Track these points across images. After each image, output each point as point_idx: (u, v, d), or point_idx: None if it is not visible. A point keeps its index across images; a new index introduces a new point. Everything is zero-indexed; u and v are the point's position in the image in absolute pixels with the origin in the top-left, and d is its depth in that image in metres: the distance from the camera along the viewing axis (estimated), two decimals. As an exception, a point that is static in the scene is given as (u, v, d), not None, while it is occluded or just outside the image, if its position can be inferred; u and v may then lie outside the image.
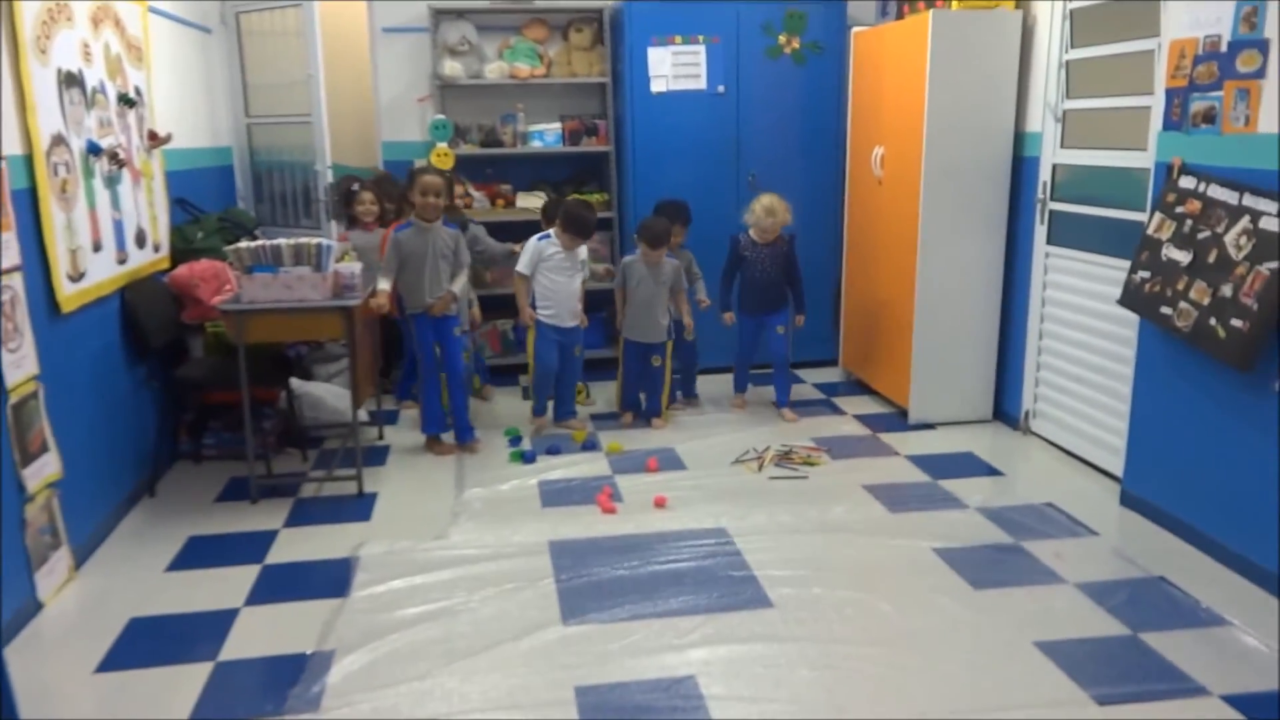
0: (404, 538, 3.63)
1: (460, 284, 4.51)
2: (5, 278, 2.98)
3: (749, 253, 4.92)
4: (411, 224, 4.38)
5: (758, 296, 4.97)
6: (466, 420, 4.61)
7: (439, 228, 4.39)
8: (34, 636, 2.98)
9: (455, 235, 4.49)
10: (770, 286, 4.95)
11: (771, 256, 4.90)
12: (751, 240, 4.90)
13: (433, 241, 4.38)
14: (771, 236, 4.87)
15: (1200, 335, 3.30)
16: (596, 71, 5.92)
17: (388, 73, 5.97)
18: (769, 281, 4.93)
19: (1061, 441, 4.47)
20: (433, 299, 4.41)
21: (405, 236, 4.36)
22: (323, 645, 2.88)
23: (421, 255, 4.36)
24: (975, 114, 4.58)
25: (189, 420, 4.52)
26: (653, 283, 4.79)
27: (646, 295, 4.80)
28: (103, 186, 3.81)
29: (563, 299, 4.73)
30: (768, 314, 4.99)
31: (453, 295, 4.46)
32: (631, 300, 4.85)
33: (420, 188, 4.32)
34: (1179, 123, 3.49)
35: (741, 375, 5.23)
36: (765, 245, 4.88)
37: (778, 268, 4.93)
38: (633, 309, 4.85)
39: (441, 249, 4.41)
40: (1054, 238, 4.47)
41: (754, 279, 4.95)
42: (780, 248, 4.91)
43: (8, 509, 2.95)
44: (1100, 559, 3.40)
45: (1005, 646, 2.83)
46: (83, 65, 3.68)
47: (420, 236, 4.36)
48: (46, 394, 3.21)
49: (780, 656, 2.78)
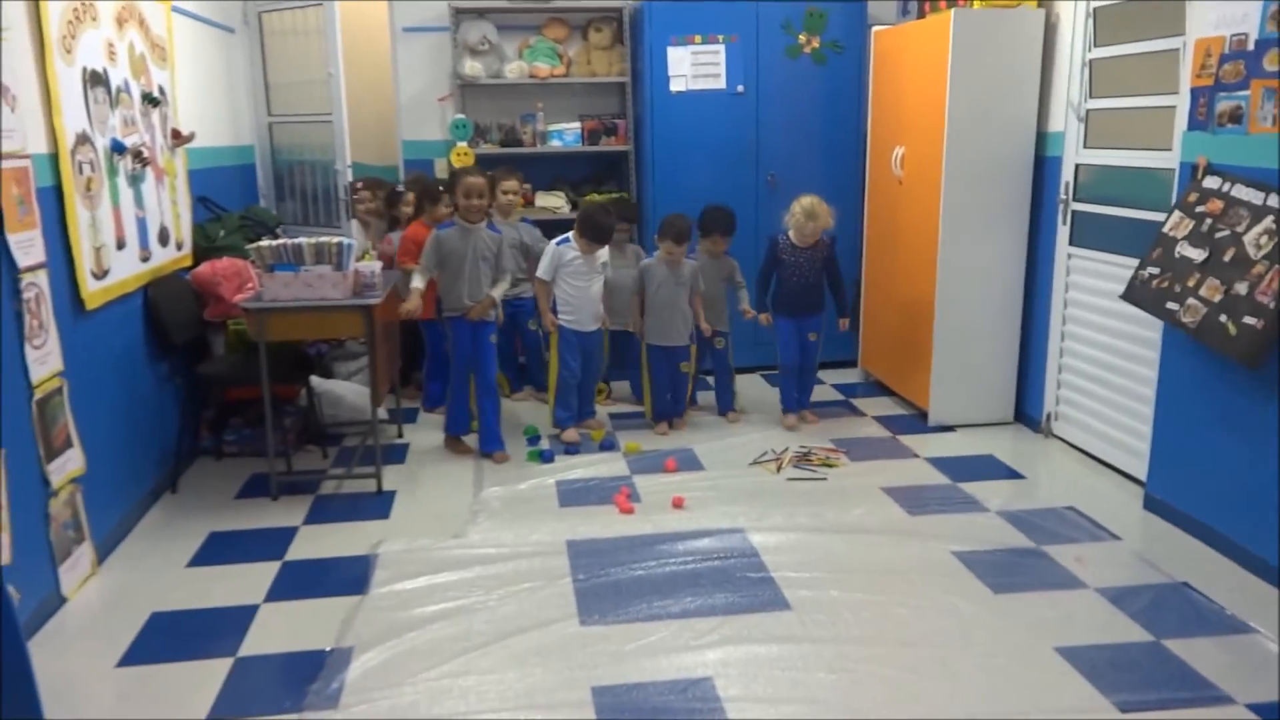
0: (422, 536, 3.64)
1: (501, 290, 4.42)
2: (31, 275, 3.02)
3: (788, 256, 4.76)
4: (454, 223, 4.33)
5: (796, 300, 4.80)
6: (496, 429, 4.51)
7: (481, 229, 4.32)
8: (57, 630, 3.01)
9: (498, 239, 4.41)
10: (808, 290, 4.79)
11: (810, 261, 4.74)
12: (791, 244, 4.75)
13: (474, 243, 4.30)
14: (812, 240, 4.70)
15: (1208, 331, 3.28)
16: (616, 71, 5.92)
17: (408, 72, 6.00)
18: (807, 285, 4.78)
19: (1083, 444, 4.43)
20: (472, 302, 4.34)
21: (446, 235, 4.30)
22: (341, 642, 2.90)
23: (462, 256, 4.28)
24: (997, 113, 4.55)
25: (210, 417, 4.55)
26: (673, 284, 4.70)
27: (668, 298, 4.71)
28: (126, 185, 3.85)
29: (584, 303, 4.71)
30: (807, 317, 4.84)
31: (492, 301, 4.38)
32: (652, 304, 4.75)
33: (463, 189, 4.25)
34: (1204, 122, 3.46)
35: (790, 389, 4.95)
36: (805, 249, 4.73)
37: (816, 271, 4.77)
38: (654, 313, 4.75)
39: (483, 251, 4.32)
40: (1077, 238, 4.44)
41: (792, 283, 4.78)
42: (820, 251, 4.75)
43: (32, 503, 2.98)
44: (1122, 564, 3.37)
45: (1025, 651, 2.81)
46: (107, 64, 3.71)
47: (462, 237, 4.29)
48: (71, 390, 3.24)
49: (797, 658, 2.77)
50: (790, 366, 4.90)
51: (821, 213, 4.65)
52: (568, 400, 4.76)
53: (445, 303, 4.38)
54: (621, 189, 6.01)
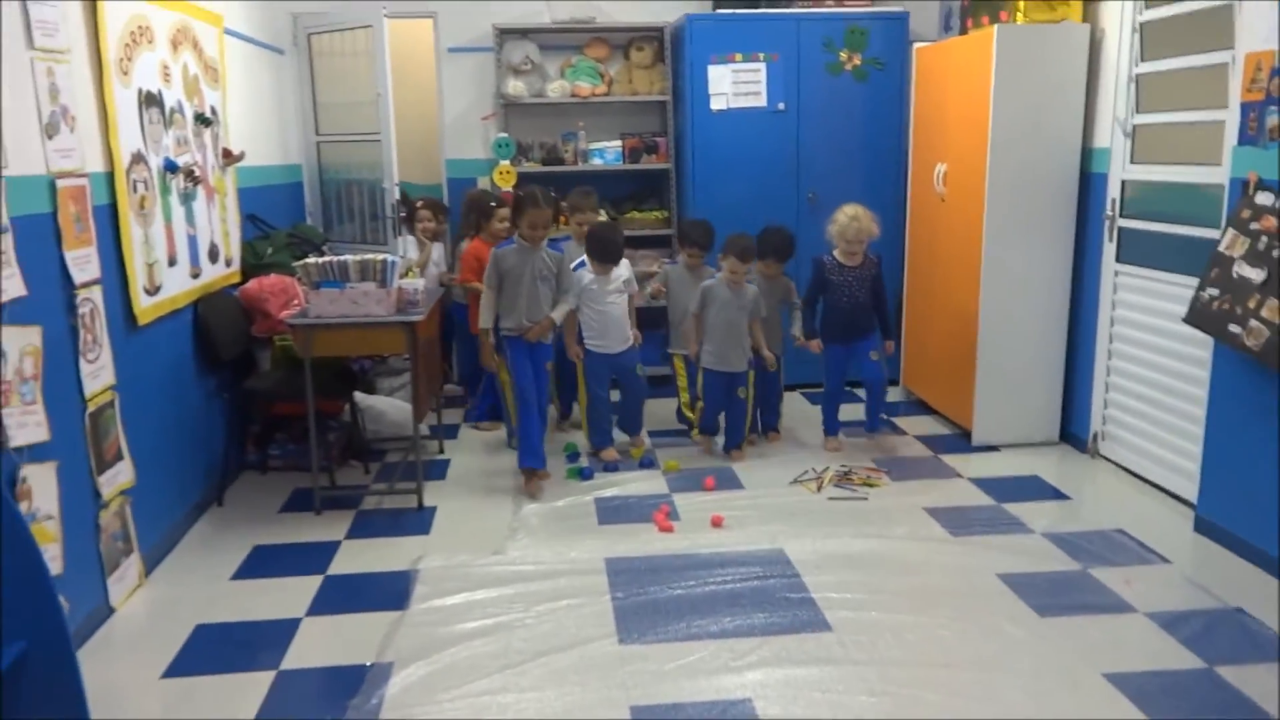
0: (462, 552, 3.66)
1: (562, 312, 4.31)
2: (86, 291, 3.09)
3: (835, 276, 4.59)
4: (514, 241, 4.25)
5: (845, 323, 4.62)
6: (539, 446, 4.35)
7: (542, 248, 4.24)
8: (105, 640, 3.06)
9: (558, 258, 4.30)
10: (858, 312, 4.60)
11: (859, 280, 4.58)
12: (837, 263, 4.59)
13: (533, 262, 4.21)
14: (859, 258, 4.56)
15: (1272, 354, 3.20)
16: (657, 89, 5.96)
17: (452, 92, 6.08)
18: (856, 306, 4.60)
19: (1132, 465, 4.35)
20: (530, 322, 4.23)
21: (506, 254, 4.22)
22: (382, 657, 2.91)
23: (519, 275, 4.19)
24: (1041, 129, 4.51)
25: (256, 431, 4.62)
26: (735, 308, 4.49)
27: (728, 321, 4.49)
28: (178, 203, 3.93)
29: (608, 325, 4.65)
30: (857, 340, 4.65)
31: (551, 322, 4.28)
32: (711, 327, 4.53)
33: (528, 222, 4.15)
34: (1255, 137, 3.40)
35: (832, 414, 4.79)
36: (852, 268, 4.56)
37: (865, 291, 4.60)
38: (714, 336, 4.53)
39: (542, 270, 4.23)
40: (1124, 255, 4.37)
41: (840, 305, 4.61)
42: (868, 270, 4.59)
43: (83, 515, 3.05)
44: (1173, 588, 3.30)
45: (1072, 676, 2.75)
46: (162, 86, 3.80)
47: (521, 255, 4.20)
48: (122, 403, 3.31)
49: (838, 680, 2.74)
50: (835, 391, 4.77)
51: (864, 216, 4.51)
52: (601, 426, 4.72)
53: (503, 322, 4.27)
54: (662, 206, 6.03)
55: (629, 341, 4.72)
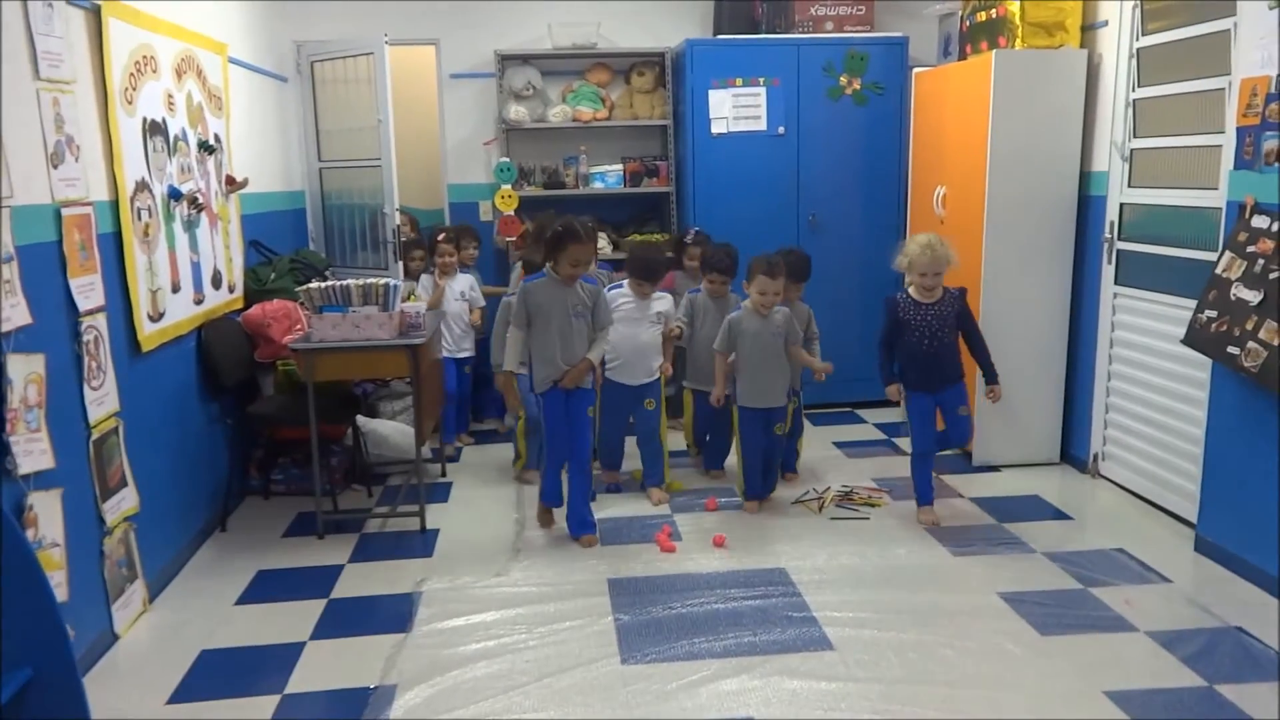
0: (465, 574, 3.67)
1: (599, 351, 3.91)
2: (90, 318, 3.12)
3: (910, 315, 3.97)
4: (544, 274, 3.84)
5: (926, 369, 3.99)
6: (585, 511, 3.99)
7: (577, 282, 3.82)
8: (110, 667, 3.07)
9: (594, 290, 3.88)
10: (940, 356, 3.97)
11: (939, 319, 3.95)
12: (911, 300, 3.98)
13: (567, 297, 3.80)
14: (936, 293, 3.95)
15: (1269, 375, 3.22)
16: (658, 114, 6.01)
17: (454, 117, 6.13)
18: (940, 349, 3.96)
19: (1132, 485, 4.36)
20: (566, 365, 3.82)
21: (535, 288, 3.81)
22: (385, 680, 2.92)
23: (549, 311, 3.79)
24: (1039, 153, 4.55)
25: (259, 456, 4.63)
26: (768, 335, 4.06)
27: (764, 349, 4.06)
28: (182, 230, 3.97)
29: (636, 352, 4.36)
30: (945, 389, 4.02)
31: (589, 364, 3.86)
32: (745, 363, 4.10)
33: (570, 259, 3.72)
34: (1251, 161, 3.43)
35: (925, 479, 4.12)
36: (930, 305, 3.96)
37: (948, 331, 3.97)
38: (748, 371, 4.10)
39: (576, 304, 3.81)
40: (1122, 278, 4.40)
41: (918, 349, 3.96)
42: (949, 306, 3.97)
43: (88, 542, 3.06)
44: (1173, 607, 3.30)
45: (1073, 694, 2.76)
46: (166, 114, 3.84)
47: (553, 290, 3.80)
48: (125, 430, 3.33)
49: (840, 698, 2.75)
50: (928, 452, 4.10)
51: (939, 244, 3.93)
52: (612, 451, 4.61)
53: (536, 371, 3.89)
54: (663, 229, 6.07)
55: (654, 375, 4.42)
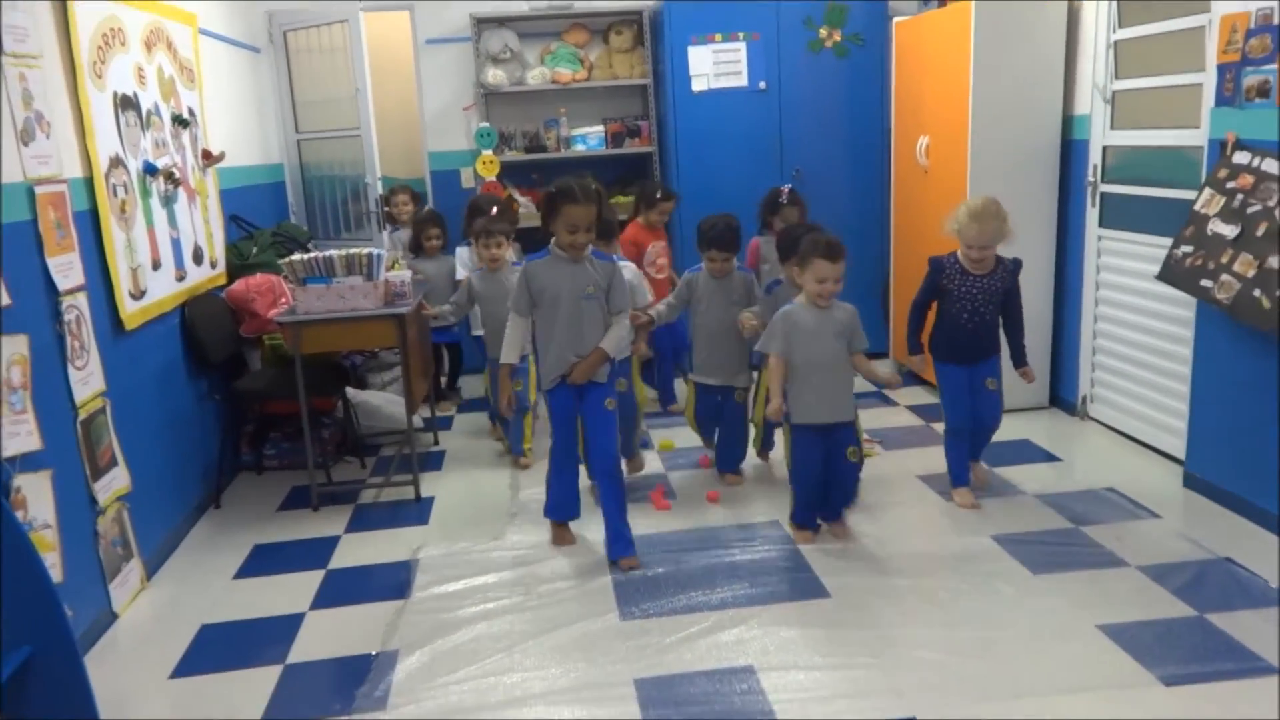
0: (461, 540, 3.68)
1: (615, 339, 3.34)
2: (70, 297, 3.09)
3: (955, 285, 3.60)
4: (548, 252, 3.34)
5: (963, 342, 3.65)
6: (624, 526, 3.40)
7: (587, 258, 3.31)
8: (110, 645, 3.08)
9: (608, 268, 3.35)
10: (980, 331, 3.66)
11: (985, 292, 3.60)
12: (960, 268, 3.60)
13: (575, 277, 3.29)
14: (988, 265, 3.58)
15: (1241, 307, 3.25)
16: (637, 73, 5.96)
17: (431, 83, 6.07)
18: (979, 325, 3.64)
19: (1121, 426, 4.39)
20: (576, 356, 3.32)
21: (539, 267, 3.31)
22: (387, 646, 2.94)
23: (556, 294, 3.27)
24: (1021, 99, 4.53)
25: (250, 432, 4.63)
26: (830, 335, 3.37)
27: (827, 352, 3.37)
28: (160, 206, 3.93)
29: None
30: (980, 361, 3.69)
31: (603, 355, 3.31)
32: (804, 370, 3.38)
33: (566, 223, 3.20)
34: (1231, 98, 3.42)
35: (959, 457, 3.77)
36: (979, 276, 3.60)
37: (992, 306, 3.64)
38: (808, 382, 3.39)
39: (587, 285, 3.28)
40: (1106, 220, 4.40)
41: (958, 320, 3.64)
42: (999, 281, 3.62)
43: (81, 522, 3.05)
44: (1163, 542, 3.33)
45: (1067, 629, 2.79)
46: (137, 88, 3.79)
47: (557, 269, 3.28)
48: (113, 409, 3.31)
49: (838, 644, 2.78)
50: (962, 428, 3.76)
51: (990, 214, 3.49)
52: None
53: (541, 363, 3.41)
54: (646, 190, 6.03)
55: None
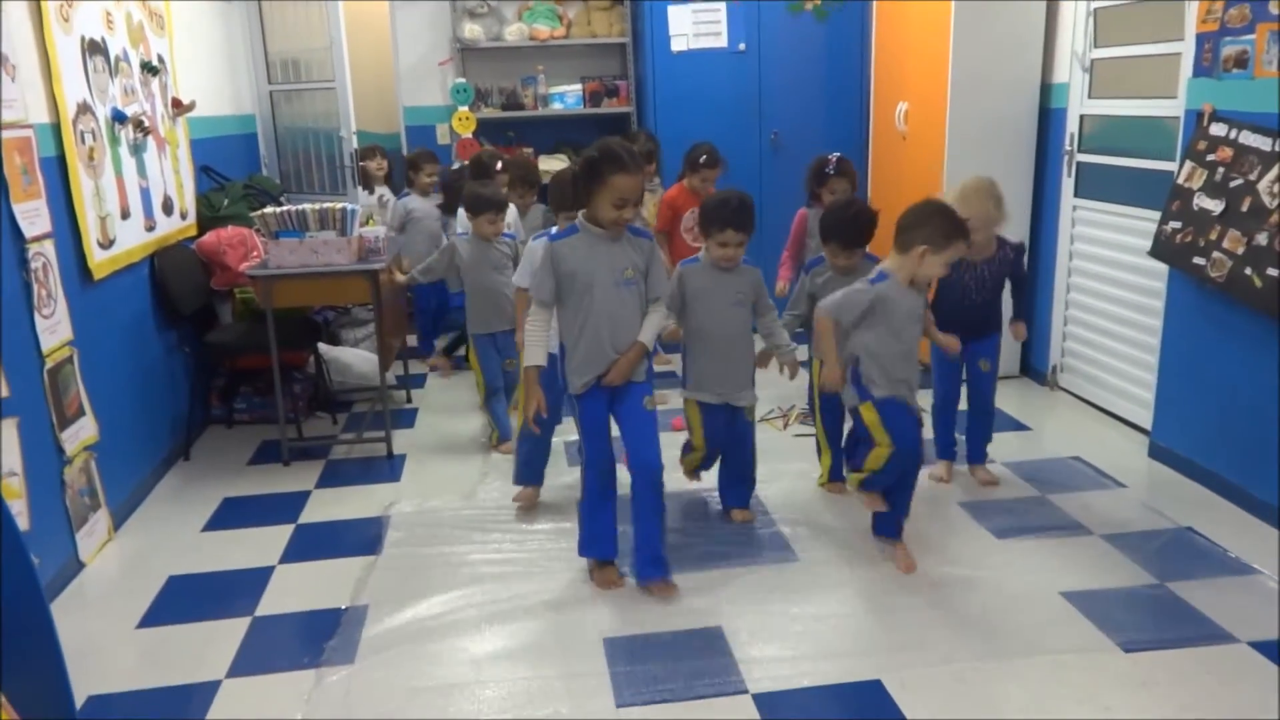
0: (433, 497, 3.68)
1: (654, 329, 2.86)
2: (37, 245, 3.04)
3: (953, 272, 3.18)
4: (578, 229, 2.79)
5: (962, 321, 3.38)
6: (660, 545, 2.95)
7: (624, 237, 2.80)
8: (77, 594, 3.06)
9: (649, 247, 2.85)
10: (979, 309, 3.49)
11: (988, 277, 3.44)
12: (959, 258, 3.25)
13: (613, 257, 2.78)
14: (988, 249, 3.39)
15: (1235, 285, 3.27)
16: (616, 31, 5.89)
17: (407, 38, 5.97)
18: (982, 304, 3.49)
19: (1089, 396, 4.44)
20: (615, 352, 2.82)
21: (567, 247, 2.77)
22: (357, 600, 2.94)
23: (589, 279, 2.76)
24: (1001, 66, 4.52)
25: (220, 385, 4.59)
26: (914, 320, 2.98)
27: (910, 339, 2.99)
28: (129, 154, 3.85)
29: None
30: (975, 340, 3.47)
31: (643, 349, 2.84)
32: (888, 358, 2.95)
33: (614, 195, 2.66)
34: (1210, 68, 3.43)
35: (945, 428, 3.70)
36: (980, 262, 3.41)
37: (991, 287, 3.47)
38: (892, 368, 2.95)
39: (625, 268, 2.78)
40: (1082, 190, 4.42)
41: (959, 303, 3.44)
42: (1002, 267, 3.45)
43: (47, 471, 3.03)
44: (1128, 511, 3.39)
45: (1030, 595, 2.84)
46: (105, 33, 3.70)
47: (591, 249, 2.76)
48: (81, 359, 3.27)
49: (805, 606, 2.81)
50: (946, 399, 3.66)
51: (981, 197, 3.27)
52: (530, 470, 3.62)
53: (570, 363, 2.88)
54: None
55: None
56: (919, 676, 2.47)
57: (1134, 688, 2.40)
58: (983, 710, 2.34)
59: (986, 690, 2.42)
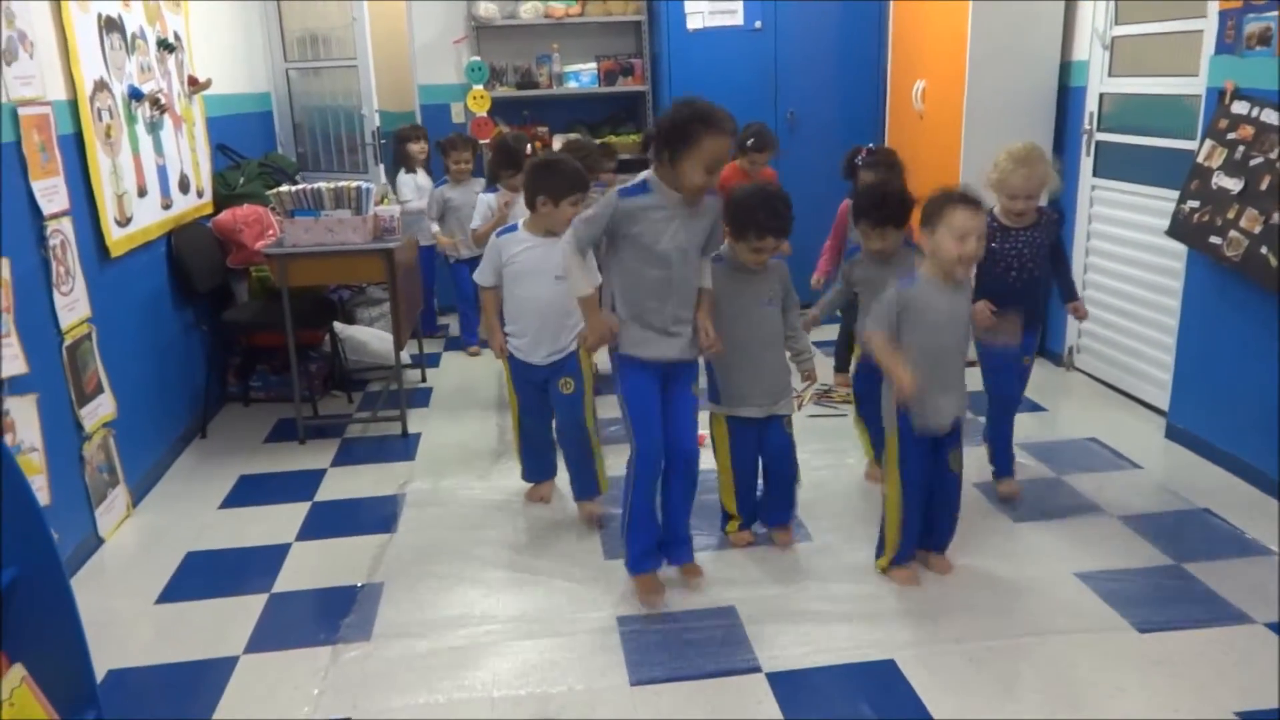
0: (448, 476, 3.70)
1: (708, 282, 2.73)
2: (55, 222, 3.05)
3: (995, 243, 3.08)
4: (649, 187, 2.57)
5: (1014, 300, 3.03)
6: (686, 530, 2.88)
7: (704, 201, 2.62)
8: (96, 569, 3.10)
9: (714, 208, 2.68)
10: (1027, 293, 3.17)
11: (1030, 246, 3.15)
12: (998, 223, 3.14)
13: (689, 225, 2.59)
14: (1030, 217, 3.14)
15: (1251, 264, 3.23)
16: (632, 9, 5.85)
17: (422, 16, 5.95)
18: (1027, 284, 3.17)
19: (1106, 377, 4.42)
20: (676, 324, 2.64)
21: (638, 209, 2.54)
22: (372, 577, 2.96)
23: (655, 240, 2.55)
24: (1020, 44, 4.47)
25: (236, 363, 4.61)
26: (962, 317, 2.75)
27: (952, 338, 2.73)
28: (145, 132, 3.86)
29: (534, 315, 3.13)
30: (1025, 330, 3.11)
31: (712, 300, 2.73)
32: (919, 358, 2.65)
33: (706, 158, 2.46)
34: (1232, 45, 3.38)
35: (1003, 440, 3.41)
36: (1021, 230, 3.15)
37: (1040, 262, 3.19)
38: (921, 372, 2.62)
39: (696, 237, 2.62)
40: (1100, 169, 4.38)
41: (1003, 282, 3.13)
42: (1043, 234, 3.17)
43: (67, 447, 3.05)
44: (1144, 492, 3.37)
45: (1045, 576, 2.83)
46: (122, 10, 3.70)
47: (666, 211, 2.55)
48: (99, 336, 3.29)
49: (818, 589, 2.82)
50: (1010, 406, 3.40)
51: (1036, 159, 3.07)
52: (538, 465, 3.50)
53: (624, 331, 2.66)
54: (639, 130, 5.96)
55: (567, 348, 3.17)
56: (932, 656, 2.48)
57: (1148, 667, 2.40)
58: (996, 690, 2.35)
59: (1000, 670, 2.42)
